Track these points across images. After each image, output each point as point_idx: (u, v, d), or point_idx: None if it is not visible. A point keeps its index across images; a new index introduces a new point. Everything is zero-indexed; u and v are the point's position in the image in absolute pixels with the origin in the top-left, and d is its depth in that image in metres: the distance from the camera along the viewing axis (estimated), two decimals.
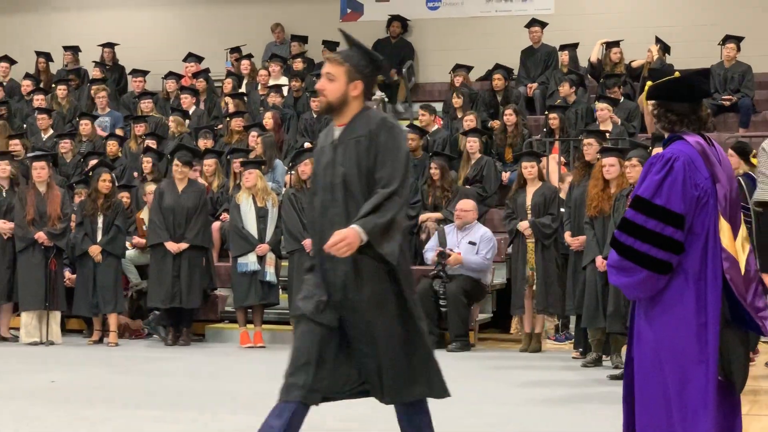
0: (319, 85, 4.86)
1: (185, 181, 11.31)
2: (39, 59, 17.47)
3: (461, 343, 10.83)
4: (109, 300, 11.19)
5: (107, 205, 11.38)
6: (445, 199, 12.16)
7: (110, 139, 14.30)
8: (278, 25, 17.64)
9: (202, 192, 11.54)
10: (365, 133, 4.79)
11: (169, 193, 11.22)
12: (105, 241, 11.27)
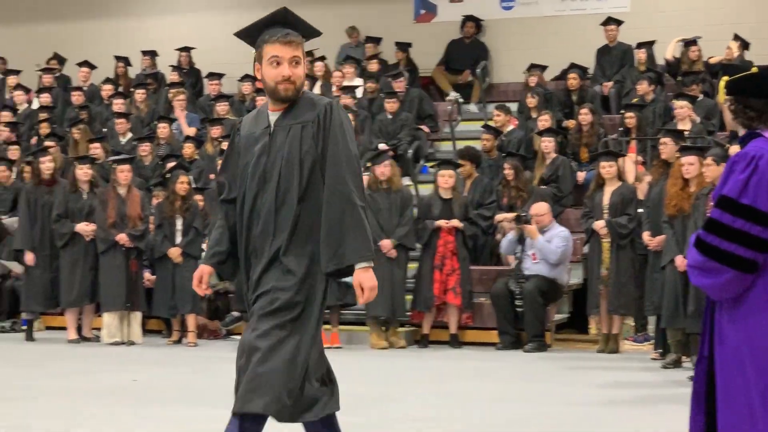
0: (289, 71, 4.43)
1: None
2: (118, 64, 17.73)
3: (537, 344, 10.79)
4: (188, 301, 11.33)
5: (185, 207, 11.51)
6: (520, 199, 12.11)
7: (187, 141, 14.48)
8: (354, 28, 17.70)
9: None
10: (312, 118, 4.43)
11: None
12: (184, 243, 11.41)
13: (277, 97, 4.45)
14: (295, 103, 4.46)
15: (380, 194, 11.41)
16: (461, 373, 9.55)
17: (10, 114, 16.30)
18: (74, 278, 11.45)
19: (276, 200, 4.40)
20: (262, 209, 4.43)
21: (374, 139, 14.59)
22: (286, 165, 4.41)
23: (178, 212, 11.50)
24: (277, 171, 4.41)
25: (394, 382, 8.90)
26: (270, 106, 4.52)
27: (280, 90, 4.43)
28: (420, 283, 11.30)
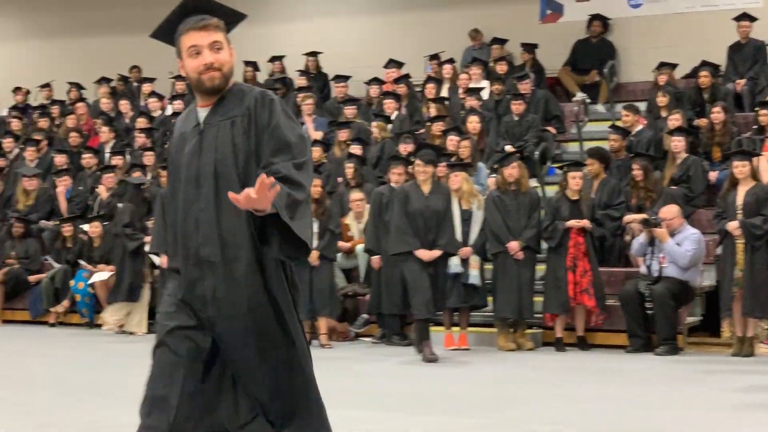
0: (210, 58, 4.01)
1: (430, 183, 10.60)
2: (246, 69, 18.04)
3: (669, 347, 10.61)
4: (326, 303, 11.45)
5: (321, 210, 11.61)
6: (649, 200, 11.93)
7: (315, 145, 14.65)
8: (477, 31, 17.67)
9: (448, 194, 10.81)
10: (241, 112, 4.00)
11: (415, 196, 10.53)
12: (321, 246, 11.53)
13: (203, 89, 4.05)
14: (224, 97, 4.06)
15: (508, 196, 11.37)
16: (590, 376, 9.44)
17: (145, 120, 16.75)
18: None
19: (215, 206, 3.97)
20: (201, 216, 4.00)
21: (500, 141, 14.55)
22: (221, 166, 3.99)
23: (313, 215, 11.61)
24: (211, 174, 3.99)
25: (521, 385, 8.85)
26: (199, 102, 4.11)
27: (205, 80, 4.03)
28: (553, 285, 11.18)
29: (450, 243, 10.45)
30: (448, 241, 10.43)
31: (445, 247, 10.40)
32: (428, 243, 10.36)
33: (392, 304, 11.21)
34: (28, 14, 21.75)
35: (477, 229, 11.31)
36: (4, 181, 16.08)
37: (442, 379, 9.12)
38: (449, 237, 10.47)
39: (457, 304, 11.15)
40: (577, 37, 17.04)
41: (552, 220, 11.24)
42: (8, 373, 9.64)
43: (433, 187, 10.52)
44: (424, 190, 10.47)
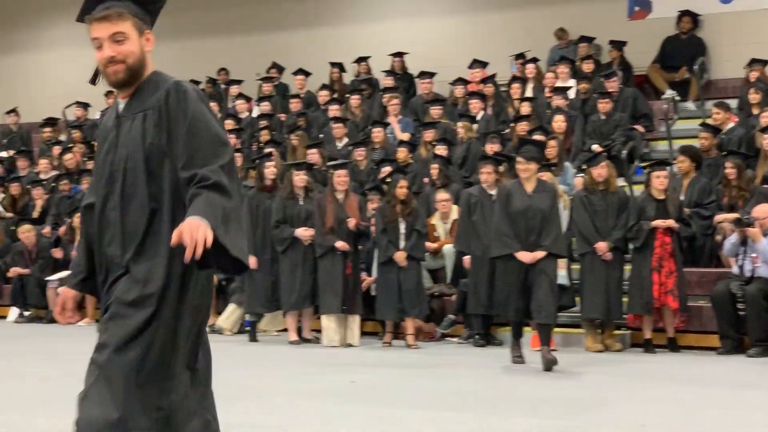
0: (110, 51, 3.78)
1: (534, 181, 9.83)
2: (333, 70, 18.15)
3: (761, 349, 10.43)
4: (414, 304, 11.49)
5: (407, 210, 11.64)
6: (742, 199, 11.73)
7: (401, 145, 14.68)
8: (563, 30, 17.54)
9: (554, 192, 10.10)
10: (153, 104, 3.78)
11: (518, 195, 9.82)
12: (408, 246, 11.55)
13: (109, 83, 3.84)
14: (141, 89, 3.83)
15: (596, 196, 11.27)
16: (680, 378, 9.31)
17: (233, 122, 16.94)
18: (294, 282, 11.76)
19: (122, 204, 3.79)
20: (110, 215, 3.83)
21: (587, 140, 14.43)
22: (130, 162, 3.78)
23: (400, 216, 11.65)
24: (122, 169, 3.80)
25: (609, 386, 8.76)
26: (120, 94, 3.90)
27: (109, 74, 3.82)
28: (637, 285, 11.07)
29: (555, 243, 9.67)
30: (552, 242, 9.66)
31: (549, 248, 9.61)
32: (530, 244, 9.64)
33: (478, 304, 11.23)
34: None
35: (564, 229, 11.22)
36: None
37: (527, 381, 9.07)
38: (554, 237, 9.67)
39: None
40: (666, 33, 16.82)
41: (637, 220, 11.10)
42: None
43: (538, 186, 9.79)
44: (527, 189, 9.76)
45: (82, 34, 16.25)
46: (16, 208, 16.92)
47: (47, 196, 16.70)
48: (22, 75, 23.05)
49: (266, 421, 7.06)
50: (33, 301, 15.17)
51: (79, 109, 19.54)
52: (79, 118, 19.49)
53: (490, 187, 11.58)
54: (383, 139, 15.21)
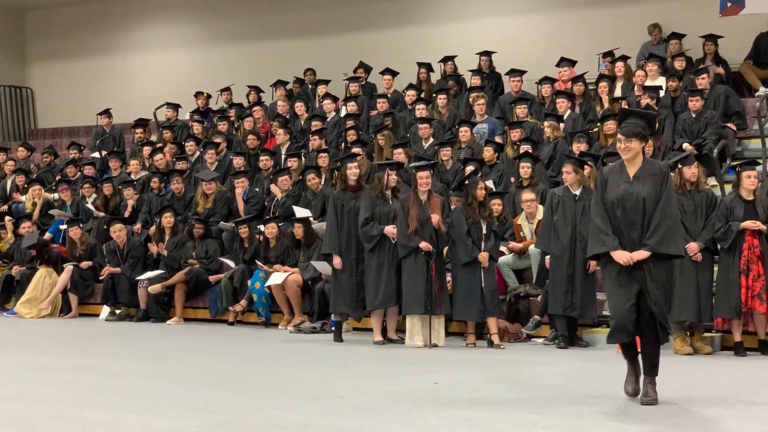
0: None
1: (638, 163, 7.80)
2: (420, 70, 18.14)
3: None
4: (495, 304, 11.48)
5: (486, 212, 11.61)
6: None
7: (487, 145, 14.61)
8: (656, 26, 17.29)
9: (664, 175, 7.75)
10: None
11: (614, 182, 7.78)
12: (490, 247, 11.51)
13: None
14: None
15: (685, 196, 11.07)
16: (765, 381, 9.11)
17: (320, 122, 17.03)
18: (380, 281, 11.76)
19: None
20: None
21: (677, 139, 14.20)
22: None
23: (481, 217, 11.60)
24: None
25: (695, 390, 8.60)
26: None
27: None
28: (725, 288, 10.84)
29: (664, 241, 7.54)
30: (660, 240, 7.56)
31: (655, 247, 7.56)
32: (632, 242, 7.66)
33: (557, 304, 11.15)
34: (208, 21, 22.44)
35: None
36: (185, 183, 16.60)
37: (611, 381, 8.95)
38: (663, 234, 7.56)
39: None
40: (760, 30, 16.48)
41: (726, 221, 10.87)
42: (189, 371, 9.94)
43: (642, 168, 7.72)
44: (629, 173, 7.74)
45: (172, 36, 16.60)
46: (108, 208, 17.22)
47: (137, 196, 16.97)
48: (114, 77, 23.48)
49: (346, 423, 7.06)
50: (124, 299, 15.43)
51: (170, 110, 19.82)
52: (169, 119, 19.78)
53: (573, 187, 11.47)
54: (470, 138, 15.14)
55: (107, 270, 15.57)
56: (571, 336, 11.51)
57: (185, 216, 15.97)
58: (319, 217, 14.49)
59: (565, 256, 11.27)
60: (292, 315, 13.80)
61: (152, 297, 14.90)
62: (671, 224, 7.62)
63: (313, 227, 14.15)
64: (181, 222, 15.80)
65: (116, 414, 7.38)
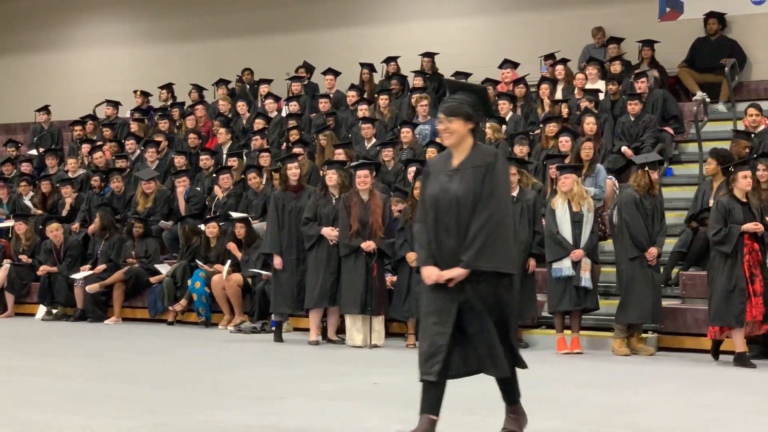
0: None
1: (464, 150, 6.80)
2: (363, 70, 18.14)
3: None
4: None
5: None
6: None
7: (429, 146, 14.64)
8: (600, 29, 17.44)
9: (489, 165, 6.34)
10: None
11: (436, 173, 7.88)
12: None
13: None
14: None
15: (647, 199, 11.02)
16: (716, 384, 9.21)
17: (262, 122, 16.96)
18: (317, 280, 11.77)
19: None
20: None
21: (616, 142, 14.35)
22: None
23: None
24: None
25: (637, 391, 8.69)
26: None
27: None
28: (724, 296, 10.23)
29: (483, 255, 5.95)
30: (478, 252, 5.95)
31: (472, 263, 5.97)
32: (449, 252, 6.07)
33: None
34: (150, 18, 22.25)
35: (588, 231, 11.13)
36: (125, 182, 16.46)
37: (551, 382, 9.03)
38: (481, 245, 5.96)
39: (570, 307, 11.03)
40: (697, 35, 16.70)
41: (724, 224, 10.25)
42: (128, 371, 9.85)
43: (468, 157, 6.15)
44: (452, 163, 6.20)
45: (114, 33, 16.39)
46: (46, 206, 17.03)
47: (76, 194, 16.79)
48: (53, 73, 23.19)
49: (286, 423, 7.05)
50: (60, 299, 15.26)
51: (110, 108, 19.63)
52: (109, 116, 19.59)
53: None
54: (411, 139, 15.18)
55: (44, 269, 15.39)
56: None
57: (125, 215, 15.82)
58: (260, 217, 14.44)
59: None
60: (233, 315, 13.74)
61: (89, 296, 14.74)
62: (492, 232, 5.95)
63: (254, 227, 14.09)
64: (120, 221, 15.65)
65: (53, 415, 7.29)
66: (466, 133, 6.13)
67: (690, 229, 12.09)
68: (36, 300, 15.69)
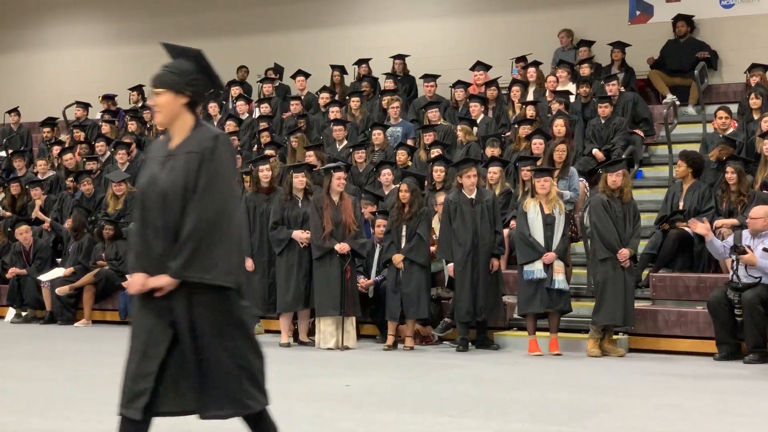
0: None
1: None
2: (333, 72, 18.13)
3: (759, 355, 10.36)
4: (412, 307, 11.50)
5: (408, 215, 11.64)
6: (740, 204, 11.69)
7: (400, 148, 14.67)
8: (567, 32, 17.51)
9: (205, 151, 7.44)
10: None
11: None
12: (406, 250, 11.56)
13: None
14: None
15: (615, 202, 11.09)
16: (676, 383, 9.27)
17: (233, 123, 16.92)
18: (289, 284, 11.75)
19: None
20: None
21: (587, 144, 14.41)
22: None
23: (402, 219, 11.65)
24: None
25: (605, 391, 8.73)
26: None
27: None
28: None
29: (195, 262, 4.78)
30: (188, 259, 4.79)
31: (180, 272, 4.82)
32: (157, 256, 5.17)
33: (463, 311, 11.25)
34: (121, 19, 22.14)
35: (560, 234, 11.15)
36: (95, 184, 16.37)
37: (521, 384, 9.05)
38: (192, 251, 4.80)
39: (541, 309, 11.04)
40: (668, 37, 16.80)
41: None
42: (98, 373, 9.79)
43: (188, 139, 4.98)
44: (169, 147, 5.02)
45: (83, 34, 16.30)
46: (15, 208, 16.91)
47: (45, 196, 16.69)
48: (22, 75, 23.04)
49: None
50: (30, 301, 15.16)
51: (79, 109, 19.52)
52: (79, 118, 19.48)
53: (468, 191, 11.50)
54: (383, 141, 15.19)
55: (13, 271, 15.29)
56: (482, 339, 11.59)
57: (95, 217, 15.73)
58: None
59: (468, 263, 11.31)
60: None
61: (58, 298, 14.66)
62: (206, 235, 4.76)
63: None
64: (91, 223, 15.57)
65: (21, 417, 7.25)
66: (180, 108, 4.94)
67: (660, 231, 12.16)
68: (5, 302, 15.58)
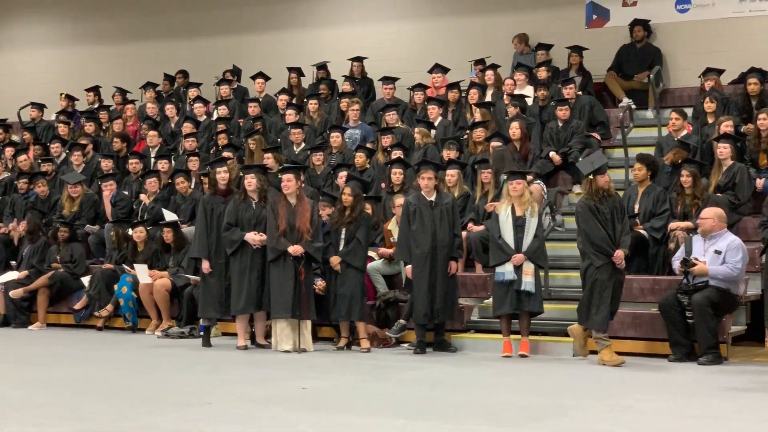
0: None
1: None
2: (291, 75, 18.10)
3: (712, 356, 10.45)
4: (348, 309, 11.57)
5: (348, 219, 11.69)
6: (695, 207, 11.78)
7: (359, 150, 14.66)
8: (517, 36, 17.56)
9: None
10: None
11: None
12: (344, 252, 11.58)
13: None
14: None
15: (603, 204, 10.99)
16: (631, 386, 9.33)
17: (191, 125, 16.84)
18: (242, 286, 11.74)
19: None
20: None
21: (544, 147, 14.48)
22: None
23: (341, 222, 11.69)
24: None
25: (564, 394, 8.77)
26: None
27: None
28: None
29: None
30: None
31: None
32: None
33: (420, 313, 11.27)
34: (77, 20, 21.97)
35: (530, 236, 11.14)
36: (50, 185, 16.23)
37: (479, 387, 9.07)
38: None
39: (510, 310, 11.02)
40: (624, 42, 16.92)
41: None
42: (54, 377, 9.72)
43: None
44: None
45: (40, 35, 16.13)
46: None
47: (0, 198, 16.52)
48: None
49: (215, 429, 7.01)
50: None
51: (34, 110, 19.34)
52: (33, 119, 19.30)
53: (429, 194, 11.54)
54: (341, 143, 15.18)
55: None
56: (440, 341, 11.60)
57: (50, 219, 15.59)
58: (188, 221, 14.33)
59: (426, 265, 11.33)
60: (161, 320, 13.60)
61: (12, 302, 14.51)
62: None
63: (183, 231, 13.98)
64: (46, 225, 15.43)
65: None
66: None
67: None
68: None
